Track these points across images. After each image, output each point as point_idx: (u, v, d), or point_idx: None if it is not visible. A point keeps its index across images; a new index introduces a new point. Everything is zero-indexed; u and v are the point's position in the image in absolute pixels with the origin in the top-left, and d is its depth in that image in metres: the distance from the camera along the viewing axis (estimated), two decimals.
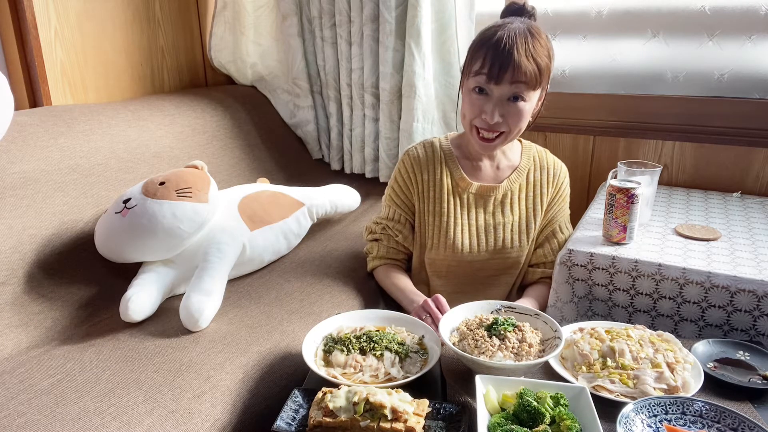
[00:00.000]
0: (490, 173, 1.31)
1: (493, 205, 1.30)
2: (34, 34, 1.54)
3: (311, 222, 1.57)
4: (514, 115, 1.17)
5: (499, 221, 1.30)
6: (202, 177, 1.31)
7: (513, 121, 1.17)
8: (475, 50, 1.17)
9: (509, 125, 1.18)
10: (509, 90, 1.14)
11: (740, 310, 1.07)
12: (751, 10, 1.53)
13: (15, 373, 0.99)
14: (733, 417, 0.77)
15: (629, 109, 1.73)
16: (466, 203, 1.30)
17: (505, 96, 1.15)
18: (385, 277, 1.35)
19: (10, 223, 1.21)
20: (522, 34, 1.12)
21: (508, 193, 1.30)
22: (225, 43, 2.06)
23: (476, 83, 1.16)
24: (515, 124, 1.18)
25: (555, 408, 0.76)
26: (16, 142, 1.31)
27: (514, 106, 1.16)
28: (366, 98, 1.87)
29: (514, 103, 1.16)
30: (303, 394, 0.86)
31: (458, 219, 1.29)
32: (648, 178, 1.29)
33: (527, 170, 1.31)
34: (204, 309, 1.12)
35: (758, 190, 1.58)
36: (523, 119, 1.18)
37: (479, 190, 1.29)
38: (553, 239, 1.33)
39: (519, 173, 1.31)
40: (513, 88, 1.14)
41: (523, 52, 1.11)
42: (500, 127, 1.18)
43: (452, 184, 1.30)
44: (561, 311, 1.23)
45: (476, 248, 1.30)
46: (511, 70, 1.11)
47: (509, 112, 1.16)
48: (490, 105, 1.16)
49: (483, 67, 1.14)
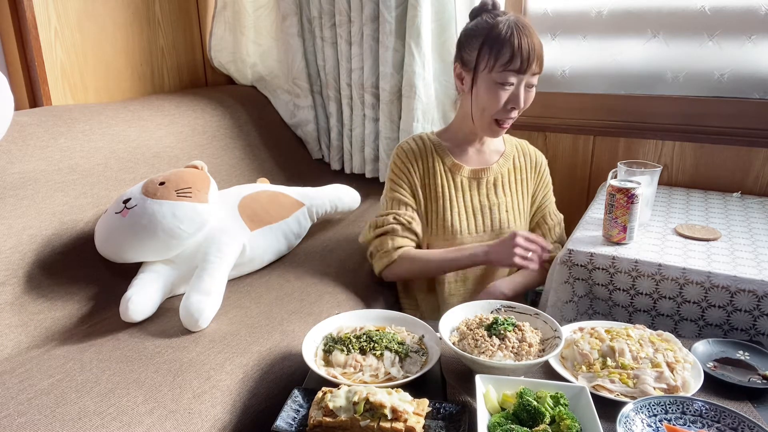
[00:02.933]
0: (479, 158, 1.37)
1: (486, 186, 1.35)
2: (34, 34, 1.54)
3: (311, 222, 1.57)
4: (528, 100, 1.26)
5: (494, 201, 1.36)
6: (202, 177, 1.31)
7: (525, 106, 1.26)
8: (500, 46, 1.20)
9: (520, 110, 1.27)
10: (528, 79, 1.22)
11: (740, 310, 1.07)
12: (751, 10, 1.53)
13: (15, 373, 0.99)
14: (733, 417, 0.77)
15: (629, 109, 1.73)
16: (460, 186, 1.35)
17: (525, 83, 1.23)
18: (412, 262, 1.30)
19: (10, 223, 1.21)
20: (528, 26, 1.21)
21: (499, 176, 1.37)
22: (225, 43, 2.06)
23: (504, 77, 1.21)
24: (526, 107, 1.27)
25: (555, 408, 0.76)
26: (16, 142, 1.31)
27: (530, 93, 1.25)
28: (366, 98, 1.87)
29: (530, 90, 1.25)
30: (303, 394, 0.86)
31: (453, 201, 1.34)
32: (648, 178, 1.29)
33: (512, 156, 1.40)
34: (204, 309, 1.12)
35: (758, 190, 1.58)
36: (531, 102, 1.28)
37: (471, 172, 1.35)
38: (543, 225, 1.43)
39: (506, 158, 1.39)
40: (531, 77, 1.23)
41: (536, 42, 1.21)
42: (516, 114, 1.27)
43: (445, 170, 1.34)
44: (561, 311, 1.23)
45: (474, 229, 1.35)
46: (537, 60, 1.20)
47: (526, 98, 1.25)
48: (518, 96, 1.23)
49: (511, 62, 1.19)
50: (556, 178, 1.66)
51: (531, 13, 1.80)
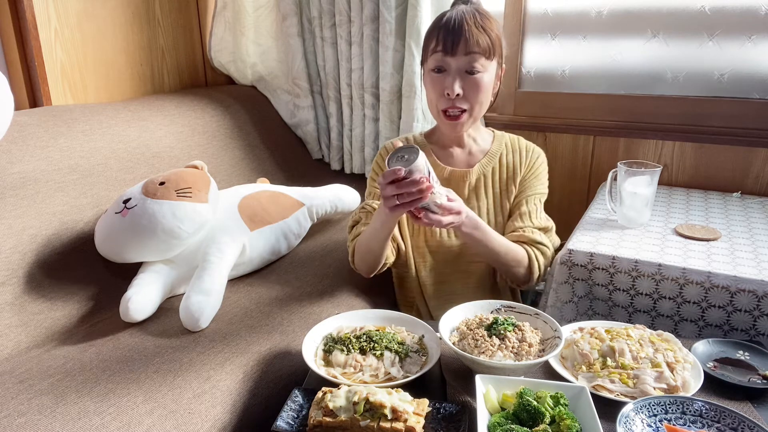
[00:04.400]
0: (462, 159, 1.33)
1: (468, 189, 1.30)
2: (34, 34, 1.54)
3: (311, 222, 1.57)
4: (474, 87, 1.18)
5: (474, 205, 1.30)
6: (202, 177, 1.31)
7: (473, 94, 1.18)
8: (429, 34, 1.20)
9: (470, 100, 1.19)
10: (465, 62, 1.16)
11: (740, 310, 1.07)
12: (751, 10, 1.53)
13: (15, 373, 0.99)
14: (733, 417, 0.77)
15: (629, 109, 1.73)
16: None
17: (463, 68, 1.17)
18: (360, 243, 1.23)
19: (10, 223, 1.21)
20: (470, 12, 1.18)
21: (482, 177, 1.31)
22: (225, 43, 2.06)
23: (434, 62, 1.18)
24: (475, 96, 1.19)
25: (555, 408, 0.76)
26: (16, 142, 1.31)
27: (473, 79, 1.18)
28: (366, 98, 1.87)
29: (471, 76, 1.17)
30: (303, 394, 0.86)
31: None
32: (648, 178, 1.29)
33: (499, 154, 1.32)
34: (204, 309, 1.12)
35: (758, 190, 1.58)
36: (483, 91, 1.19)
37: (451, 174, 1.30)
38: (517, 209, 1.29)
39: (491, 157, 1.32)
40: (469, 59, 1.16)
41: (473, 23, 1.16)
42: (462, 103, 1.19)
43: None
44: (561, 311, 1.23)
45: (453, 234, 1.30)
46: (464, 40, 1.15)
47: (468, 85, 1.18)
48: (450, 78, 1.17)
49: (437, 44, 1.17)
50: (556, 178, 1.66)
51: (531, 13, 1.80)
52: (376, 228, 1.16)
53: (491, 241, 1.18)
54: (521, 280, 1.26)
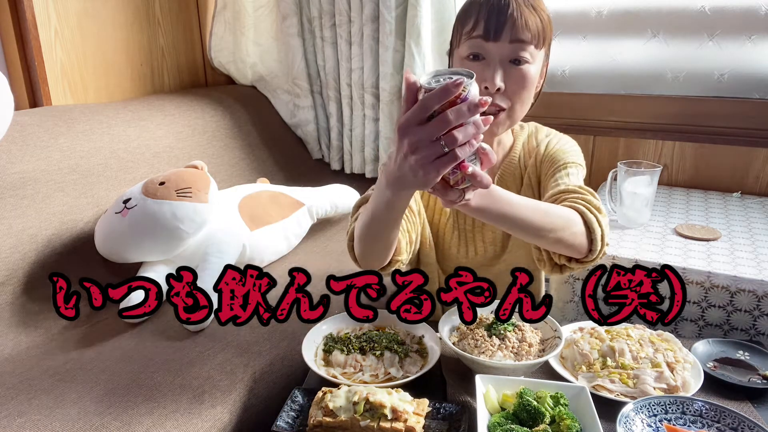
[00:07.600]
0: None
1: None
2: (34, 34, 1.54)
3: (311, 222, 1.57)
4: (519, 81, 0.92)
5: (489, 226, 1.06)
6: (202, 177, 1.31)
7: (517, 89, 0.92)
8: (465, 12, 0.94)
9: (511, 97, 0.93)
10: (510, 50, 0.91)
11: (740, 310, 1.07)
12: (751, 10, 1.53)
13: (15, 373, 0.99)
14: (732, 417, 0.77)
15: (629, 109, 1.73)
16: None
17: (507, 57, 0.91)
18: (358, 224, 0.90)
19: (10, 223, 1.21)
20: None
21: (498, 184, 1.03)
22: (225, 43, 2.06)
23: (470, 48, 0.92)
24: (519, 92, 0.93)
25: (555, 408, 0.76)
26: (16, 142, 1.31)
27: (518, 71, 0.91)
28: (366, 98, 1.87)
29: (517, 67, 0.92)
30: (303, 393, 0.86)
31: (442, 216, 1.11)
32: (648, 178, 1.29)
33: (518, 156, 1.08)
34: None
35: (758, 190, 1.58)
36: (528, 87, 0.93)
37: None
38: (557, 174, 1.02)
39: (510, 160, 1.08)
40: (514, 47, 0.91)
41: (523, 2, 0.90)
42: (501, 101, 0.93)
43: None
44: (561, 311, 1.23)
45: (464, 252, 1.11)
46: (511, 22, 0.89)
47: (512, 78, 0.92)
48: (490, 70, 0.91)
49: (476, 26, 0.91)
50: None
51: None
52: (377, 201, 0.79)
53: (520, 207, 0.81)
54: (579, 246, 0.87)
